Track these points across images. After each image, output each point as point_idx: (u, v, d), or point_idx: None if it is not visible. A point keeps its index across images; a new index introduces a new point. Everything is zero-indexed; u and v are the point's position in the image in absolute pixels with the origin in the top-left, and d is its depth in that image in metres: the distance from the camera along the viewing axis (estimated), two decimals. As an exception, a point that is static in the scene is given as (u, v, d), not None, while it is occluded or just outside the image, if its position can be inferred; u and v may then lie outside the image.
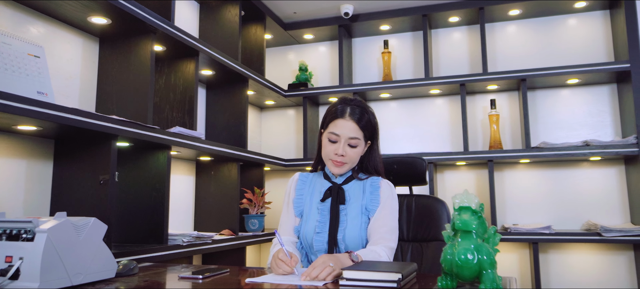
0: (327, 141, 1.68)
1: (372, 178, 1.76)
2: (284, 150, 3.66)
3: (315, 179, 1.80)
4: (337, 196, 1.69)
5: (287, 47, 3.78)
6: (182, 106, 2.39)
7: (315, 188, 1.76)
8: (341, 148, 1.65)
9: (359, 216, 1.68)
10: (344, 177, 1.75)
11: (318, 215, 1.70)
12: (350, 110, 1.68)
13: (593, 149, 2.81)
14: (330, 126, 1.68)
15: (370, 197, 1.71)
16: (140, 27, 2.02)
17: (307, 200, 1.74)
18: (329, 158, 1.68)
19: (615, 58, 3.08)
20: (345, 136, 1.65)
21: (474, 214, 0.93)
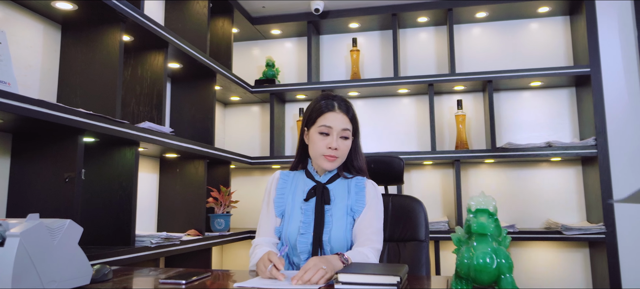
0: (318, 135, 1.63)
1: (357, 178, 1.73)
2: (248, 148, 3.57)
3: (297, 177, 1.74)
4: (322, 195, 1.64)
5: (252, 42, 3.68)
6: (149, 100, 2.27)
7: (297, 187, 1.70)
8: (335, 141, 1.61)
9: (345, 216, 1.64)
10: (329, 176, 1.70)
11: (302, 215, 1.64)
12: (337, 103, 1.66)
13: (555, 150, 2.90)
14: (319, 121, 1.64)
15: (355, 197, 1.67)
16: (109, 15, 1.89)
17: (289, 199, 1.68)
18: (320, 154, 1.63)
19: (574, 62, 3.19)
20: (338, 128, 1.62)
21: (491, 217, 0.91)
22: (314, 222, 1.61)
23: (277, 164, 3.27)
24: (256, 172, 3.54)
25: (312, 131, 1.66)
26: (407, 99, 3.42)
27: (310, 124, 1.67)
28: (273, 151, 3.26)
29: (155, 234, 2.13)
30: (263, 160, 3.25)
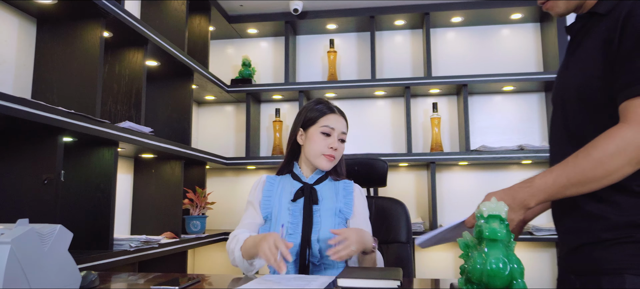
0: (320, 135, 1.67)
1: (344, 181, 1.76)
2: (222, 148, 3.51)
3: (283, 181, 1.74)
4: (310, 195, 1.65)
5: (227, 41, 3.63)
6: (127, 99, 2.20)
7: (284, 189, 1.70)
8: (335, 142, 1.67)
9: (333, 216, 1.65)
10: (316, 178, 1.71)
11: (289, 216, 1.63)
12: (336, 108, 1.74)
13: (527, 153, 2.98)
14: (321, 121, 1.68)
15: (344, 200, 1.70)
16: (90, 10, 1.82)
17: (275, 202, 1.67)
18: (321, 153, 1.66)
19: (544, 68, 3.30)
20: (339, 130, 1.69)
21: (502, 223, 0.92)
22: (302, 222, 1.61)
23: (253, 165, 3.23)
24: (230, 172, 3.49)
25: (312, 131, 1.69)
26: (383, 101, 3.44)
27: (310, 124, 1.70)
28: (249, 152, 3.22)
29: (134, 237, 2.06)
30: (238, 161, 3.20)
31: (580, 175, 1.06)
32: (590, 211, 1.15)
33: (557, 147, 1.28)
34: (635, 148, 1.02)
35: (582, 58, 1.20)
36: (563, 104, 1.25)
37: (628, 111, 1.05)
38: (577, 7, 1.26)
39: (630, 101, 1.05)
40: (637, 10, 1.08)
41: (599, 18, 1.19)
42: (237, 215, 3.43)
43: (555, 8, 1.28)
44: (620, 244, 1.09)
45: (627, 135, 1.02)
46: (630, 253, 1.08)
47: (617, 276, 1.08)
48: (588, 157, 1.05)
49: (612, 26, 1.13)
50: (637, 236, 1.07)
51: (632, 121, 1.03)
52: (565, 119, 1.23)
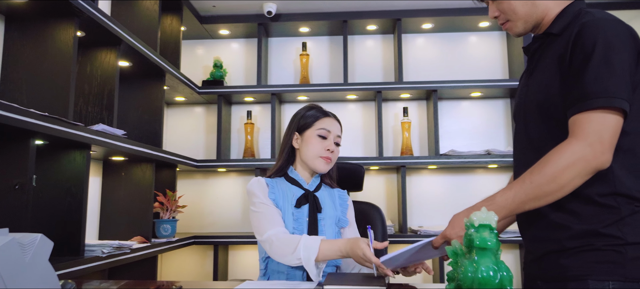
0: (316, 138, 1.70)
1: (339, 191, 1.82)
2: (191, 150, 3.46)
3: (280, 184, 1.73)
4: (314, 203, 1.67)
5: (197, 41, 3.57)
6: (99, 100, 2.14)
7: (284, 193, 1.69)
8: (332, 144, 1.71)
9: (334, 225, 1.70)
10: (315, 184, 1.74)
11: (294, 222, 1.64)
12: (330, 113, 1.78)
13: (494, 158, 3.07)
14: (318, 124, 1.72)
15: (341, 210, 1.76)
16: (63, 9, 1.76)
17: (279, 204, 1.67)
18: (318, 156, 1.69)
19: (509, 75, 3.41)
20: (335, 133, 1.74)
21: (492, 232, 0.95)
22: (307, 229, 1.64)
23: (223, 168, 3.20)
24: (198, 175, 3.44)
25: (308, 134, 1.72)
26: (354, 105, 3.47)
27: (306, 128, 1.73)
28: (220, 154, 3.19)
29: (106, 242, 2.01)
30: (209, 163, 3.16)
31: (536, 190, 1.13)
32: (554, 220, 1.21)
33: (521, 158, 1.35)
34: (584, 161, 1.09)
35: (540, 77, 1.27)
36: (525, 119, 1.32)
37: (575, 125, 1.12)
38: (534, 27, 1.34)
39: (578, 115, 1.12)
40: (586, 30, 1.15)
41: (553, 38, 1.27)
42: (205, 218, 3.39)
43: (513, 29, 1.35)
44: (583, 252, 1.15)
45: (576, 149, 1.10)
46: (592, 260, 1.14)
47: (581, 282, 1.15)
48: (541, 173, 1.12)
49: (564, 45, 1.20)
50: (598, 244, 1.14)
51: (579, 136, 1.10)
52: (528, 133, 1.30)
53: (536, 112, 1.26)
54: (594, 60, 1.12)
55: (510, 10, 1.31)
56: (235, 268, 3.34)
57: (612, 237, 1.12)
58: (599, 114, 1.10)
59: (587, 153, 1.09)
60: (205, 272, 3.31)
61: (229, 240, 3.07)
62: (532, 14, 1.30)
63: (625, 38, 1.14)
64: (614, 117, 1.11)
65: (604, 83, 1.10)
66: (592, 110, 1.11)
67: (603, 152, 1.10)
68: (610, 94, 1.10)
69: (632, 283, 1.09)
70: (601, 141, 1.09)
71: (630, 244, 1.11)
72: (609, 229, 1.13)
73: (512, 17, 1.32)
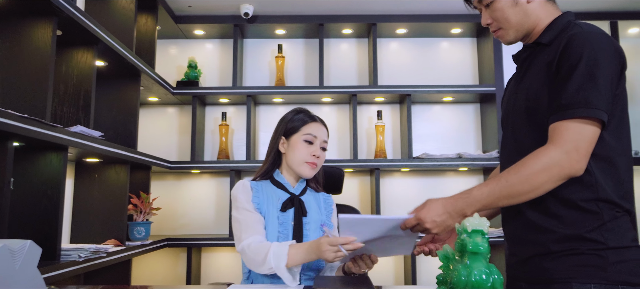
0: (302, 143, 1.71)
1: (324, 195, 1.84)
2: (164, 151, 3.41)
3: (265, 187, 1.74)
4: (300, 207, 1.68)
5: (171, 41, 3.52)
6: (75, 101, 2.09)
7: (269, 197, 1.70)
8: (318, 150, 1.72)
9: (318, 229, 1.71)
10: (301, 188, 1.75)
11: (279, 225, 1.65)
12: (317, 117, 1.79)
13: (465, 161, 3.16)
14: (304, 129, 1.73)
15: (325, 213, 1.78)
16: (42, 8, 1.71)
17: (263, 208, 1.67)
18: (303, 161, 1.70)
19: (480, 81, 3.51)
20: (321, 138, 1.74)
21: (484, 237, 0.99)
22: (292, 232, 1.64)
23: (197, 169, 3.17)
24: (170, 177, 3.39)
25: (294, 139, 1.73)
26: (329, 107, 3.50)
27: (292, 133, 1.74)
28: (194, 156, 3.16)
29: (83, 246, 1.96)
30: (183, 164, 3.12)
31: (510, 189, 1.19)
32: (540, 224, 1.26)
33: (507, 163, 1.40)
34: (559, 167, 1.15)
35: (528, 85, 1.33)
36: (513, 126, 1.37)
37: (555, 132, 1.19)
38: (525, 36, 1.39)
39: (558, 123, 1.18)
40: (574, 42, 1.21)
41: (543, 47, 1.33)
42: (178, 220, 3.35)
43: (505, 37, 1.40)
44: (567, 255, 1.21)
45: (552, 155, 1.16)
46: (576, 263, 1.20)
47: (565, 285, 1.20)
48: (517, 174, 1.19)
49: (553, 54, 1.26)
50: (582, 248, 1.20)
51: (557, 142, 1.17)
52: (515, 139, 1.36)
53: (524, 119, 1.31)
54: (578, 72, 1.18)
55: (503, 18, 1.36)
56: (209, 270, 3.31)
57: (595, 241, 1.18)
58: (578, 124, 1.16)
59: (562, 160, 1.15)
60: (177, 275, 3.27)
61: (202, 242, 3.05)
62: (524, 24, 1.35)
63: (611, 52, 1.20)
64: (591, 127, 1.17)
65: (585, 94, 1.16)
66: (572, 119, 1.17)
67: (578, 161, 1.16)
68: (591, 105, 1.15)
69: (613, 285, 1.16)
70: (577, 149, 1.15)
71: (611, 248, 1.18)
72: (592, 234, 1.18)
73: (504, 25, 1.37)
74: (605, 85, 1.17)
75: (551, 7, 1.36)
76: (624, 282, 1.16)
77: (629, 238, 1.21)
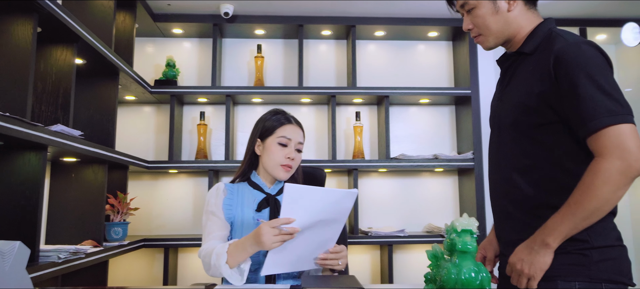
0: (277, 146, 1.71)
1: None
2: (140, 151, 3.36)
3: (241, 189, 1.75)
4: (275, 207, 1.69)
5: (147, 39, 3.48)
6: (54, 99, 2.05)
7: (244, 198, 1.71)
8: (292, 152, 1.72)
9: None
10: (277, 188, 1.75)
11: (255, 226, 1.65)
12: (293, 118, 1.79)
13: (441, 162, 3.23)
14: (278, 132, 1.72)
15: None
16: (22, 4, 1.68)
17: (237, 211, 1.68)
18: (278, 164, 1.70)
19: (455, 83, 3.59)
20: (296, 140, 1.74)
21: (473, 237, 1.03)
22: None
23: (175, 169, 3.14)
24: (147, 176, 3.35)
25: (269, 142, 1.73)
26: (307, 108, 3.52)
27: (267, 135, 1.74)
28: (172, 155, 3.13)
29: (62, 247, 1.93)
30: (161, 164, 3.09)
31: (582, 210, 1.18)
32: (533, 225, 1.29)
33: (494, 167, 1.46)
34: (618, 174, 1.15)
35: (513, 94, 1.38)
36: (499, 131, 1.43)
37: (596, 145, 1.19)
38: (506, 42, 1.44)
39: (594, 136, 1.19)
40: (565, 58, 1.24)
41: (525, 56, 1.38)
42: (155, 220, 3.31)
43: (485, 43, 1.45)
44: (555, 254, 1.25)
45: (606, 166, 1.16)
46: (562, 262, 1.25)
47: (551, 282, 1.25)
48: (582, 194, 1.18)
49: (541, 68, 1.29)
50: (568, 248, 1.25)
51: (603, 154, 1.17)
52: (502, 145, 1.41)
53: (510, 127, 1.36)
54: (582, 87, 1.19)
55: (483, 25, 1.40)
56: (185, 271, 3.29)
57: (581, 241, 1.24)
58: (612, 128, 1.17)
59: (619, 166, 1.15)
60: (154, 276, 3.24)
61: (180, 242, 3.02)
62: (505, 31, 1.40)
63: (601, 59, 1.24)
64: (625, 125, 1.17)
65: (603, 104, 1.18)
66: (603, 128, 1.17)
67: (636, 159, 1.15)
68: (613, 113, 1.17)
69: (596, 283, 1.21)
70: (627, 150, 1.15)
71: (595, 248, 1.23)
72: (580, 234, 1.23)
73: (484, 32, 1.41)
74: (613, 87, 1.20)
75: (532, 15, 1.41)
76: (608, 280, 1.22)
77: (613, 238, 1.26)
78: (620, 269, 1.24)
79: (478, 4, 1.40)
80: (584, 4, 3.16)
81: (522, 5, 1.40)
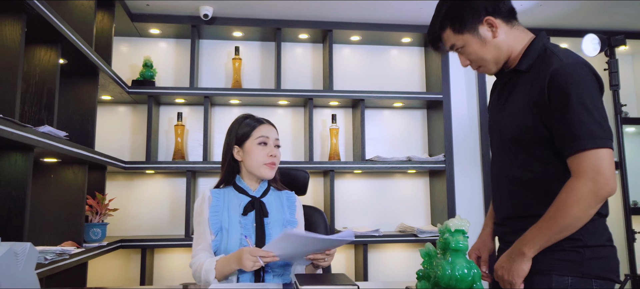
0: (257, 147, 1.78)
1: (286, 192, 1.91)
2: (116, 151, 3.33)
3: (227, 194, 1.80)
4: (260, 209, 1.73)
5: (123, 39, 3.45)
6: (38, 100, 2.03)
7: (231, 203, 1.76)
8: (273, 149, 1.80)
9: (281, 227, 1.78)
10: (261, 191, 1.80)
11: (241, 229, 1.70)
12: (264, 119, 1.87)
13: (414, 164, 3.34)
14: (255, 133, 1.80)
15: (289, 211, 1.85)
16: (10, 4, 1.67)
17: (224, 216, 1.73)
18: (262, 163, 1.77)
19: (427, 88, 3.71)
20: (273, 137, 1.82)
21: (465, 236, 1.12)
22: (255, 234, 1.69)
23: (152, 170, 3.14)
24: (122, 177, 3.33)
25: (248, 145, 1.79)
26: (284, 110, 3.57)
27: (245, 139, 1.80)
28: (149, 156, 3.12)
29: (47, 249, 1.92)
30: (138, 165, 3.08)
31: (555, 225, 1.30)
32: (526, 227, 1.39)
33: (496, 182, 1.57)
34: (590, 194, 1.26)
35: (511, 112, 1.46)
36: (501, 145, 1.52)
37: (573, 165, 1.30)
38: (505, 63, 1.52)
39: (574, 156, 1.29)
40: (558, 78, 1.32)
41: (521, 74, 1.47)
42: (131, 221, 3.29)
43: (488, 71, 1.54)
44: (551, 251, 1.35)
45: (579, 186, 1.27)
46: (557, 258, 1.36)
47: (546, 276, 1.36)
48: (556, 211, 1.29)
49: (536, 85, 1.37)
50: (564, 245, 1.35)
51: (578, 174, 1.28)
52: (502, 160, 1.51)
53: (511, 142, 1.46)
54: (572, 108, 1.28)
55: (479, 58, 1.49)
56: (161, 272, 3.28)
57: (575, 239, 1.34)
58: (591, 152, 1.26)
59: (590, 187, 1.25)
60: (130, 277, 3.22)
61: (158, 243, 3.02)
62: (500, 56, 1.48)
63: (592, 81, 1.33)
64: (604, 150, 1.27)
65: (587, 126, 1.27)
66: (584, 150, 1.27)
67: (606, 183, 1.25)
68: (595, 136, 1.27)
69: (587, 279, 1.33)
70: (600, 173, 1.25)
71: (588, 246, 1.34)
72: (574, 233, 1.33)
73: (482, 63, 1.50)
74: (599, 111, 1.30)
75: (518, 32, 1.49)
76: (598, 277, 1.33)
77: (604, 238, 1.38)
78: (610, 267, 1.36)
79: (465, 42, 1.47)
80: (549, 15, 3.34)
81: (505, 27, 1.47)
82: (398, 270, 3.49)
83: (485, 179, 3.51)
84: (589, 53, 3.21)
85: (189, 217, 3.09)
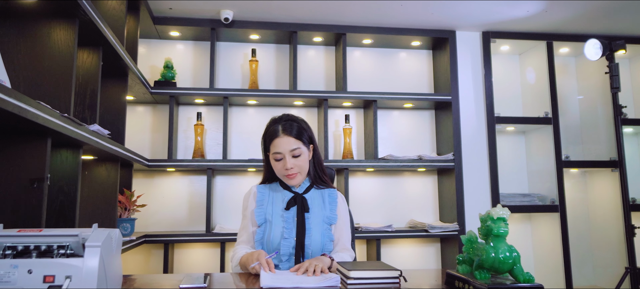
0: (274, 161, 1.87)
1: (329, 190, 1.99)
2: (137, 149, 3.44)
3: (273, 189, 1.93)
4: (302, 205, 1.85)
5: (143, 41, 3.56)
6: (82, 100, 2.14)
7: (275, 198, 1.89)
8: (288, 163, 1.83)
9: (321, 224, 1.89)
10: (304, 188, 1.92)
11: (283, 222, 1.82)
12: (281, 127, 1.87)
13: (424, 163, 3.48)
14: (271, 148, 1.87)
15: (329, 207, 1.94)
16: (65, 9, 1.78)
17: (268, 209, 1.86)
18: (282, 175, 1.88)
19: (435, 89, 3.86)
20: (287, 150, 1.84)
21: (506, 223, 1.25)
22: (296, 228, 1.81)
23: (173, 167, 3.25)
24: (141, 174, 3.43)
25: (269, 157, 1.90)
26: (298, 110, 3.70)
27: (267, 151, 1.91)
28: (171, 154, 3.23)
29: (93, 241, 2.02)
30: (160, 162, 3.19)
31: None
32: None
33: None
34: None
35: None
36: None
37: None
38: None
39: None
40: None
41: None
42: (152, 217, 3.40)
43: None
44: None
45: None
46: None
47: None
48: None
49: None
50: None
51: None
52: None
53: None
54: None
55: None
56: (181, 266, 3.39)
57: None
58: None
59: None
60: (152, 270, 3.32)
61: (180, 238, 3.13)
62: None
63: None
64: None
65: None
66: None
67: None
68: None
69: None
70: None
71: None
72: None
73: None
74: None
75: None
76: None
77: None
78: None
79: None
80: (551, 20, 3.50)
81: None
82: (409, 264, 3.63)
83: (492, 177, 3.65)
84: (591, 57, 3.37)
85: (210, 213, 3.20)
